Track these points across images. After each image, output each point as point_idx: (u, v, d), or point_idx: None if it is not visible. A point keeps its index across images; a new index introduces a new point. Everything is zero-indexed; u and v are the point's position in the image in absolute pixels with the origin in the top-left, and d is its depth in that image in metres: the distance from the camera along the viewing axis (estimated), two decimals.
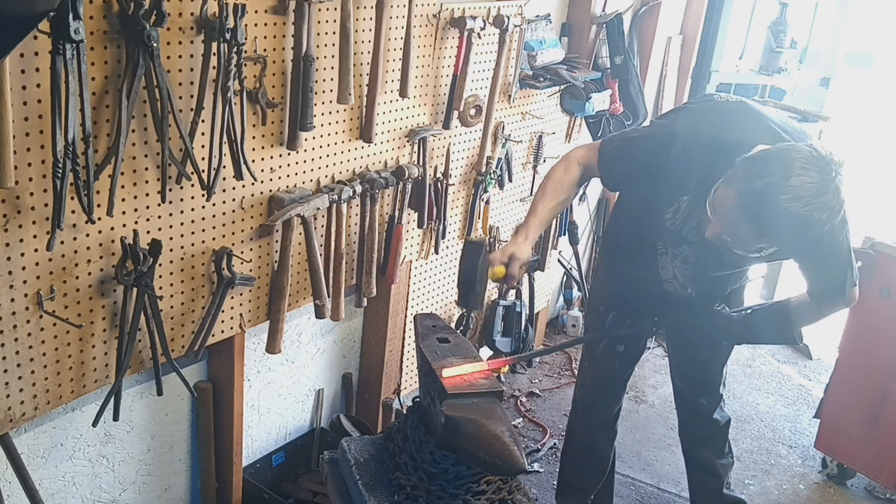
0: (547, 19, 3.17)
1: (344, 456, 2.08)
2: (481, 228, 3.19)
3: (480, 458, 1.70)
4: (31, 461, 1.96)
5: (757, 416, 3.72)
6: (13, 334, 1.71)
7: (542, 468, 3.17)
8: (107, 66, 1.68)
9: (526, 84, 3.07)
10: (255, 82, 2.00)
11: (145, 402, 2.23)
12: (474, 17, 2.63)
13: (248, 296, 2.24)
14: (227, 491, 2.49)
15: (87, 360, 1.88)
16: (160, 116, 1.74)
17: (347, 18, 2.15)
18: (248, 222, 2.15)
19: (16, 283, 1.68)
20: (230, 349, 2.29)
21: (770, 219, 1.70)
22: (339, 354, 2.94)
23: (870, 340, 3.01)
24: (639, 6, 3.78)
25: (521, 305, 3.55)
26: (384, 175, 2.49)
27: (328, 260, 2.38)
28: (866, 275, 2.94)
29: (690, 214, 2.04)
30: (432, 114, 2.70)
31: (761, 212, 1.70)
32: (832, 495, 3.21)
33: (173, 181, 1.88)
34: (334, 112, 2.30)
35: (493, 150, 3.07)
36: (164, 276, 1.98)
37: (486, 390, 1.80)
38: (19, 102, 1.56)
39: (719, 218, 1.81)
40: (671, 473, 3.23)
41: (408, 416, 1.99)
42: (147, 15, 1.64)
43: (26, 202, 1.64)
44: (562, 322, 4.33)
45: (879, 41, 4.81)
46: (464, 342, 2.02)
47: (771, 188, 1.67)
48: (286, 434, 2.81)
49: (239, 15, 1.82)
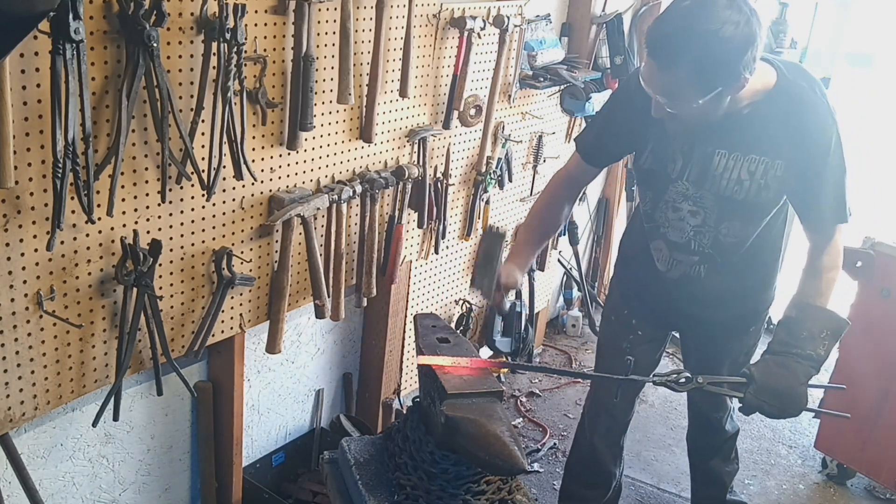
0: (547, 19, 3.17)
1: (344, 456, 2.08)
2: (481, 228, 3.19)
3: (480, 458, 1.70)
4: (31, 461, 1.96)
5: (757, 416, 3.64)
6: (13, 334, 1.71)
7: (542, 468, 3.17)
8: (107, 66, 1.68)
9: (526, 84, 3.07)
10: (255, 82, 2.00)
11: (145, 402, 2.23)
12: (474, 17, 2.63)
13: (248, 296, 2.24)
14: (227, 491, 2.48)
15: (87, 360, 1.88)
16: (160, 116, 1.74)
17: (347, 18, 2.15)
18: (248, 222, 2.15)
19: (16, 283, 1.68)
20: (230, 349, 2.29)
21: (671, 40, 1.70)
22: (339, 354, 2.94)
23: (870, 340, 3.00)
24: (639, 6, 3.78)
25: (521, 305, 3.55)
26: (384, 175, 2.49)
27: (328, 260, 2.38)
28: (866, 275, 2.95)
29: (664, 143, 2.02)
30: (432, 114, 2.70)
31: (665, 44, 1.71)
32: (832, 495, 3.21)
33: (173, 181, 1.88)
34: (334, 112, 2.30)
35: (493, 150, 3.07)
36: (164, 276, 1.98)
37: (486, 390, 1.80)
38: (19, 102, 1.56)
39: (645, 81, 1.81)
40: (671, 473, 3.23)
41: (408, 416, 1.99)
42: (147, 15, 1.64)
43: (26, 202, 1.64)
44: (562, 322, 4.33)
45: (879, 41, 4.81)
46: (464, 342, 2.01)
47: (672, 17, 1.72)
48: (286, 434, 2.81)
49: (239, 15, 1.82)
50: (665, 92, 1.80)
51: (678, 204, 2.06)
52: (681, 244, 2.11)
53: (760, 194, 1.96)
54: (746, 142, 1.93)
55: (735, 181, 1.96)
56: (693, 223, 2.06)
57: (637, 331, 2.35)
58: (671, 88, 1.78)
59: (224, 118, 1.89)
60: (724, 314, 2.23)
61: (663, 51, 1.73)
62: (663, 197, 2.09)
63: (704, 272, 2.13)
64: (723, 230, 2.05)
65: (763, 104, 1.88)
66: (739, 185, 1.96)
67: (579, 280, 4.15)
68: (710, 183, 1.99)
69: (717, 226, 2.04)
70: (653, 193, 2.12)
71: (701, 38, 1.68)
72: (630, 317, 2.36)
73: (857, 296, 3.02)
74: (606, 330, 2.51)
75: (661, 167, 2.05)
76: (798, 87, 1.89)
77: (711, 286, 2.16)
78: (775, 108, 1.88)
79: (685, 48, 1.69)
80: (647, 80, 1.81)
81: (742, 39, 1.68)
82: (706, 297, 2.19)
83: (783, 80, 1.89)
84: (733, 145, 1.94)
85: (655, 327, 2.37)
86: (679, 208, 2.06)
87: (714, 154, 1.96)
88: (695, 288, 2.18)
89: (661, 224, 2.13)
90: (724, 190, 1.98)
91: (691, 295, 2.21)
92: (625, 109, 2.08)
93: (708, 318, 2.25)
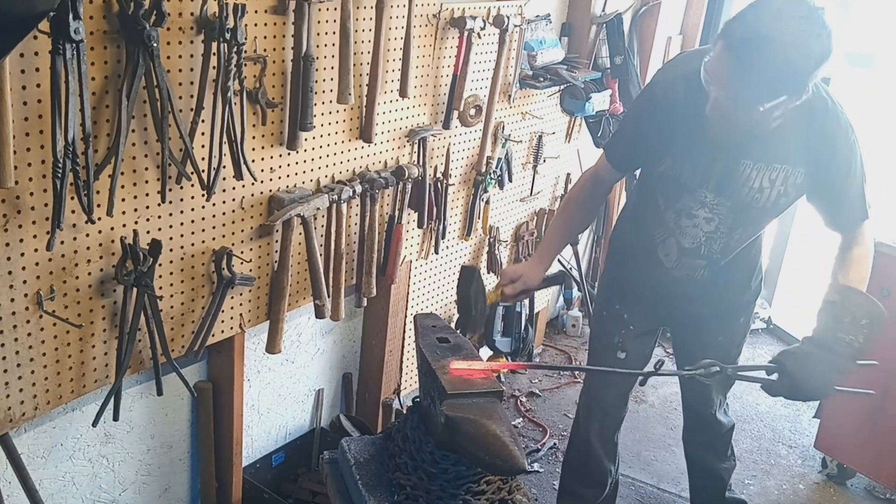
0: (547, 19, 3.17)
1: (344, 456, 2.08)
2: (481, 228, 3.19)
3: (480, 458, 1.69)
4: (31, 461, 1.96)
5: (757, 416, 3.72)
6: (13, 334, 1.71)
7: (542, 468, 3.17)
8: (107, 66, 1.68)
9: (526, 84, 3.07)
10: (255, 82, 2.00)
11: (145, 402, 2.23)
12: (474, 17, 2.63)
13: (248, 296, 2.24)
14: (227, 491, 2.48)
15: (87, 360, 1.88)
16: (160, 116, 1.74)
17: (347, 18, 2.15)
18: (248, 222, 2.15)
19: (16, 283, 1.68)
20: (230, 349, 2.29)
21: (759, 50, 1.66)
22: (339, 354, 2.94)
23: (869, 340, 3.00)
24: (639, 6, 3.78)
25: (521, 305, 3.55)
26: (384, 175, 2.49)
27: (328, 260, 2.38)
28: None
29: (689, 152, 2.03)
30: (432, 114, 2.70)
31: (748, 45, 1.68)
32: (832, 495, 3.21)
33: (173, 181, 1.88)
34: (334, 112, 2.30)
35: (493, 150, 3.07)
36: (164, 276, 1.98)
37: (486, 390, 1.80)
38: (19, 102, 1.56)
39: (712, 77, 1.79)
40: (671, 473, 3.23)
41: (408, 416, 1.99)
42: (147, 15, 1.64)
43: (26, 202, 1.64)
44: (562, 322, 4.33)
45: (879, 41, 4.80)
46: (464, 342, 2.01)
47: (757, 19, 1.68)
48: (286, 434, 2.81)
49: (239, 15, 1.82)
50: (733, 92, 1.77)
51: (694, 211, 2.08)
52: (691, 249, 2.14)
53: (779, 201, 1.99)
54: (771, 152, 1.95)
55: (757, 190, 1.99)
56: (706, 230, 2.09)
57: (629, 325, 2.36)
58: (741, 89, 1.75)
59: (224, 118, 1.89)
60: (714, 307, 2.26)
61: (745, 51, 1.69)
62: (676, 205, 2.10)
63: (707, 273, 2.17)
64: (735, 236, 2.08)
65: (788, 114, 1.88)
66: (760, 193, 1.99)
67: (579, 280, 4.15)
68: (730, 191, 2.01)
69: (731, 232, 2.08)
70: (664, 200, 2.14)
71: (787, 45, 1.66)
72: (622, 312, 2.37)
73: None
74: (598, 325, 2.54)
75: (680, 175, 2.06)
76: (818, 97, 1.90)
77: (709, 284, 2.19)
78: (798, 118, 1.89)
79: (770, 52, 1.67)
80: (717, 77, 1.78)
81: (821, 53, 1.69)
82: (702, 294, 2.23)
83: None
84: (759, 156, 1.96)
85: (647, 321, 2.38)
86: (694, 215, 2.08)
87: (739, 164, 1.98)
88: (693, 287, 2.21)
89: (674, 231, 2.15)
90: (744, 198, 2.00)
91: (689, 293, 2.23)
92: (651, 119, 2.07)
93: (699, 311, 2.28)
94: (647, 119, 2.08)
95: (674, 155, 2.05)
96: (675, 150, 2.05)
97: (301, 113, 2.10)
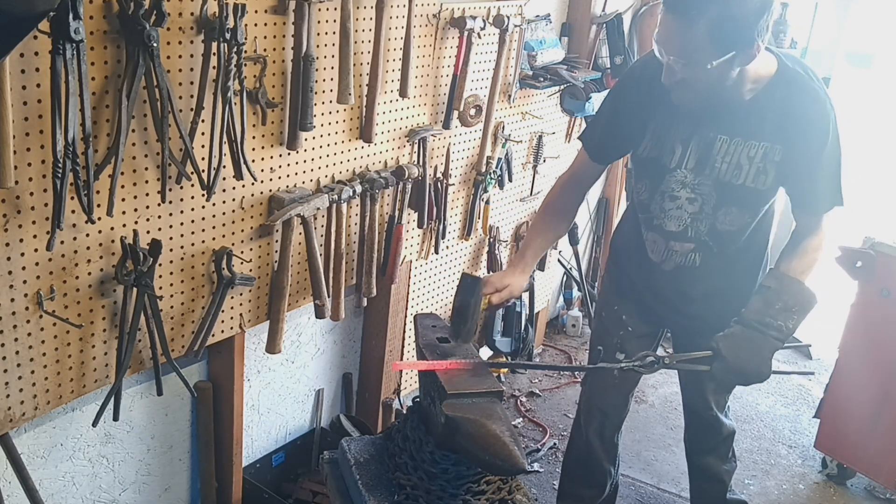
0: (547, 19, 3.17)
1: (344, 456, 2.08)
2: (481, 228, 3.19)
3: (480, 458, 1.69)
4: (31, 461, 1.96)
5: (757, 416, 3.72)
6: (13, 334, 1.71)
7: (542, 468, 3.17)
8: (107, 66, 1.68)
9: (526, 84, 3.07)
10: (255, 82, 2.00)
11: (145, 402, 2.23)
12: (474, 17, 2.63)
13: (248, 296, 2.24)
14: (227, 491, 2.48)
15: (87, 360, 1.88)
16: (160, 116, 1.74)
17: (347, 18, 2.15)
18: (248, 222, 2.15)
19: (16, 283, 1.68)
20: (230, 349, 2.29)
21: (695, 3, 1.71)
22: (339, 354, 2.94)
23: (870, 340, 3.01)
24: (639, 6, 3.79)
25: (521, 305, 3.55)
26: (384, 175, 2.49)
27: (328, 260, 2.38)
28: (866, 275, 2.95)
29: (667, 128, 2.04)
30: (432, 114, 2.70)
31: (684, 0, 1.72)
32: (832, 495, 3.21)
33: (173, 181, 1.88)
34: (334, 112, 2.30)
35: (493, 150, 3.07)
36: (164, 276, 1.98)
37: (486, 390, 1.80)
38: (19, 102, 1.56)
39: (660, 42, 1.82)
40: (671, 473, 3.23)
41: (408, 416, 1.99)
42: (147, 15, 1.64)
43: (26, 202, 1.64)
44: (562, 322, 4.33)
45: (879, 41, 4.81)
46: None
47: None
48: (286, 434, 2.81)
49: (239, 15, 1.82)
50: (679, 50, 1.80)
51: (676, 192, 2.09)
52: (677, 233, 2.13)
53: (758, 178, 1.99)
54: (747, 127, 1.96)
55: (734, 165, 1.99)
56: (690, 210, 2.09)
57: (627, 326, 2.36)
58: (686, 46, 1.78)
59: (224, 118, 1.89)
60: (712, 312, 2.23)
61: (682, 5, 1.74)
62: (659, 187, 2.11)
63: (699, 261, 2.15)
64: (720, 216, 2.08)
65: (764, 90, 1.92)
66: (739, 169, 1.99)
67: (579, 280, 4.15)
68: (709, 169, 2.02)
69: (715, 212, 2.07)
70: (649, 183, 2.14)
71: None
72: (620, 313, 2.37)
73: (857, 296, 3.02)
74: (598, 326, 2.54)
75: (660, 156, 2.08)
76: (798, 75, 1.92)
77: (704, 279, 2.17)
78: (776, 95, 1.91)
79: (705, 3, 1.71)
80: (662, 39, 1.82)
81: (761, 3, 1.72)
82: (697, 293, 2.21)
83: (784, 67, 1.93)
84: (735, 131, 1.97)
85: (646, 323, 2.38)
86: (677, 196, 2.09)
87: (716, 140, 1.99)
88: (687, 282, 2.19)
89: (657, 215, 2.15)
90: (723, 175, 2.01)
91: (683, 291, 2.22)
92: (626, 100, 2.11)
93: (697, 314, 2.26)
94: (623, 99, 2.11)
95: (651, 133, 2.07)
96: (653, 128, 2.07)
97: (301, 113, 2.10)
